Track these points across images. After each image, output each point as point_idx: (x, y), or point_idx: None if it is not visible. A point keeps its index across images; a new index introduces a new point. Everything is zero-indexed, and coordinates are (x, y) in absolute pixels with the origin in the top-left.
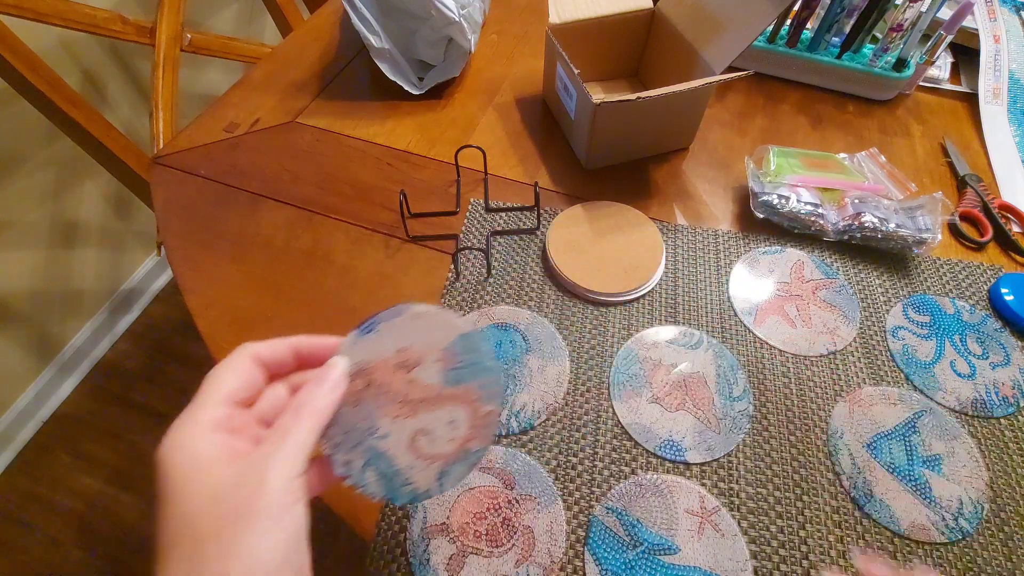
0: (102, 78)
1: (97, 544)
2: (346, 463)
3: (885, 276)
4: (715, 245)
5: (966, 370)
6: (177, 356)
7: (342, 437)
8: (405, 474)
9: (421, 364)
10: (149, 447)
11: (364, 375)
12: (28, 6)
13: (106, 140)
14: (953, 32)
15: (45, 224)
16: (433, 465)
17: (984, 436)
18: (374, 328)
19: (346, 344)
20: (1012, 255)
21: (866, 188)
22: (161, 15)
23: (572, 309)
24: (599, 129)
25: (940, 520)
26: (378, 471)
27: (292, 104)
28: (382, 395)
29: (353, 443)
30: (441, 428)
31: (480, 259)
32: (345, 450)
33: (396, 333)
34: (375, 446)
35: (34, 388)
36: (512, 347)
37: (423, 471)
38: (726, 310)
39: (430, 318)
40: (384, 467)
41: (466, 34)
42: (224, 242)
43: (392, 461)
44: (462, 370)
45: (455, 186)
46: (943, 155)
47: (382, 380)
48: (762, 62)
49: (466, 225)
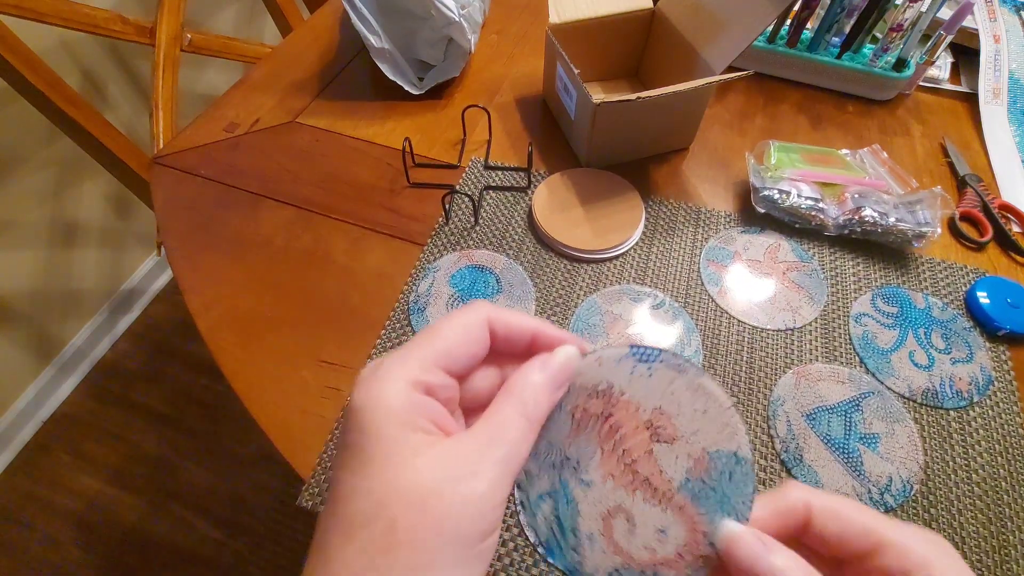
0: (102, 78)
1: (97, 544)
2: (528, 474)
3: (861, 267)
4: (695, 220)
5: (924, 361)
6: (177, 356)
7: (543, 446)
8: (582, 540)
9: (671, 445)
10: (149, 447)
11: (608, 402)
12: (28, 6)
13: (106, 140)
14: (953, 32)
15: (45, 224)
16: (614, 558)
17: (929, 424)
18: (650, 361)
19: (607, 358)
20: (1012, 255)
21: (867, 183)
22: (161, 15)
23: (547, 261)
24: (599, 129)
25: (865, 492)
26: (556, 512)
27: (292, 104)
28: (611, 440)
29: (549, 462)
30: (647, 528)
31: (470, 209)
32: (535, 462)
33: (668, 388)
34: (570, 484)
35: (34, 388)
36: (485, 287)
37: (601, 555)
38: (694, 279)
39: (712, 404)
40: (565, 513)
41: (466, 34)
42: (224, 242)
43: (577, 515)
44: (708, 491)
45: (460, 145)
46: (943, 155)
47: (621, 425)
48: (762, 62)
49: (463, 178)
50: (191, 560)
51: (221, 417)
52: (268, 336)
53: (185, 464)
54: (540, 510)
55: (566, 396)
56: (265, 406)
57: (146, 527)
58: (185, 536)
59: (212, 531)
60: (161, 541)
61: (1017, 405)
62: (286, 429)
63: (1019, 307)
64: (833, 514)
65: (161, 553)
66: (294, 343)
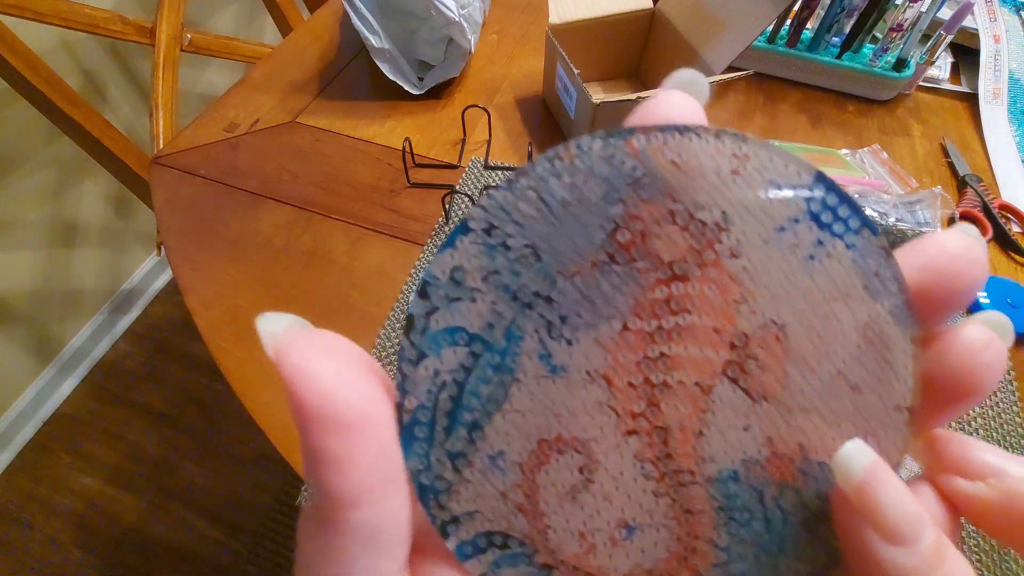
0: (102, 78)
1: (97, 544)
2: (457, 272)
3: None
4: None
5: None
6: (177, 356)
7: (525, 238)
8: (476, 454)
9: (758, 402)
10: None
11: (697, 244)
12: (28, 6)
13: (106, 140)
14: (953, 32)
15: (45, 224)
16: (517, 517)
17: None
18: (835, 232)
19: (755, 174)
20: (1012, 255)
21: (867, 183)
22: (161, 15)
23: None
24: (599, 129)
25: None
26: (464, 378)
27: (292, 104)
28: (654, 320)
29: (512, 280)
30: (612, 505)
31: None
32: (491, 255)
33: (832, 303)
34: (521, 345)
35: (34, 388)
36: None
37: (495, 503)
38: None
39: (889, 373)
40: (476, 387)
41: (466, 34)
42: (224, 242)
43: (496, 407)
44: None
45: (460, 145)
46: (943, 155)
47: (693, 307)
48: (762, 62)
49: (463, 178)
50: (191, 559)
51: (221, 417)
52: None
53: (185, 464)
54: (439, 354)
55: (611, 184)
56: (265, 406)
57: (146, 527)
58: (185, 535)
59: (212, 530)
60: (161, 540)
61: (1017, 405)
62: (286, 429)
63: (1019, 307)
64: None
65: (161, 552)
66: None
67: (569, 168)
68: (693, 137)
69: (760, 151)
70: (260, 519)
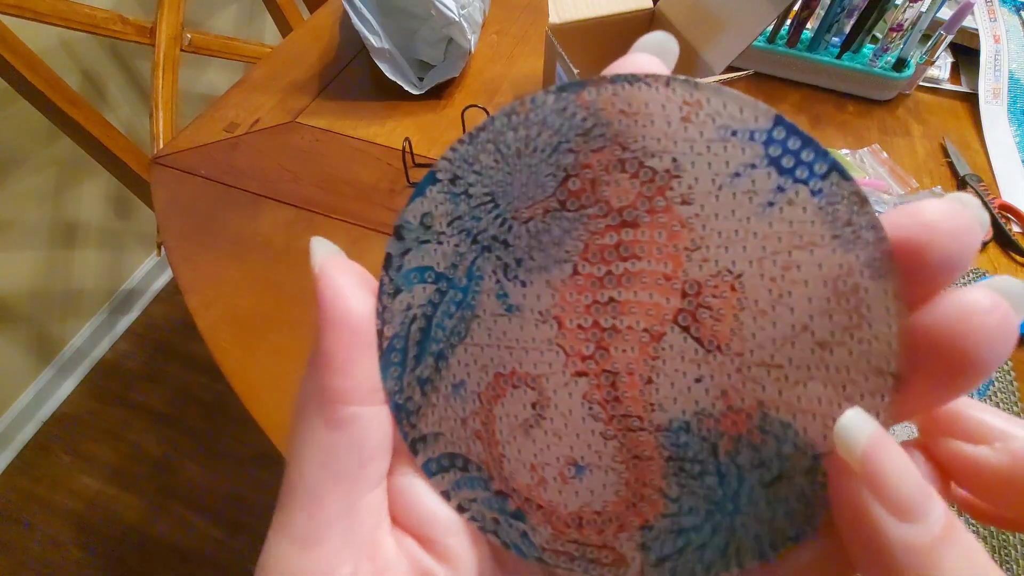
0: (102, 78)
1: (97, 544)
2: (426, 218)
3: None
4: None
5: None
6: (177, 356)
7: (487, 189)
8: (440, 380)
9: (712, 354)
10: (149, 447)
11: (646, 190)
12: (28, 6)
13: (106, 140)
14: (953, 32)
15: (45, 224)
16: (472, 443)
17: None
18: (797, 178)
19: (707, 118)
20: (1012, 255)
21: (866, 184)
22: (161, 15)
23: None
24: None
25: None
26: (431, 311)
27: (292, 104)
28: (603, 265)
29: (474, 224)
30: (561, 440)
31: None
32: (456, 202)
33: (790, 255)
34: (481, 283)
35: (34, 388)
36: None
37: (454, 427)
38: None
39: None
40: (442, 320)
41: (466, 34)
42: (224, 242)
43: (459, 339)
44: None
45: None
46: (943, 155)
47: (643, 252)
48: (762, 62)
49: None
50: (191, 559)
51: (221, 417)
52: (268, 336)
53: (185, 463)
54: (411, 289)
55: (562, 135)
56: (265, 406)
57: (146, 526)
58: (185, 535)
59: (212, 530)
60: (161, 540)
61: (1017, 406)
62: (286, 429)
63: None
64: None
65: (161, 552)
66: (294, 343)
67: (524, 121)
68: (642, 86)
69: (713, 97)
70: (261, 518)
